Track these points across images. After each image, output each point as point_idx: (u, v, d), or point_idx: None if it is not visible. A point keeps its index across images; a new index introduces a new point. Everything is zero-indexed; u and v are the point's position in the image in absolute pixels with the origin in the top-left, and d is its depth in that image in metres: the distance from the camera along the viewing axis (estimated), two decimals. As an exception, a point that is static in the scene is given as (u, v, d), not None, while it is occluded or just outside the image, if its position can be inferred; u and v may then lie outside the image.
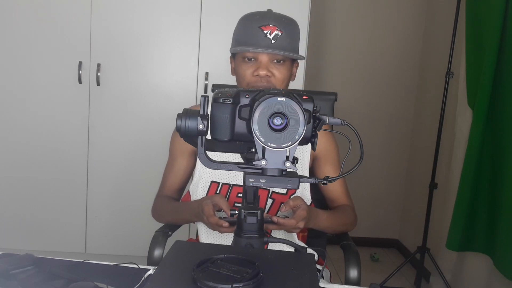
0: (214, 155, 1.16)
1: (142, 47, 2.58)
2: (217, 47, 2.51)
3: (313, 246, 1.39)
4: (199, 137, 0.83)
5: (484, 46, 2.17)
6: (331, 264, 2.37)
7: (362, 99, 3.35)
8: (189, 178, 1.48)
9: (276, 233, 1.29)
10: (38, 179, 2.66)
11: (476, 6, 2.28)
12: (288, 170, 0.80)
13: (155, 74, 2.61)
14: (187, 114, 0.82)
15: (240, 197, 1.33)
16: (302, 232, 1.42)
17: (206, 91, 2.55)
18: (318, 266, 1.35)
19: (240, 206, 1.31)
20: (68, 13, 2.53)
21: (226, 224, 1.12)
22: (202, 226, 1.38)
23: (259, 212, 0.89)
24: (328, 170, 1.41)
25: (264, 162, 0.79)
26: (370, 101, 3.35)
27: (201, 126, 0.81)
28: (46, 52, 2.55)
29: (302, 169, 1.38)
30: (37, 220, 2.69)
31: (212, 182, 1.36)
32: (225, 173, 1.33)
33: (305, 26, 2.51)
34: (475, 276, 2.35)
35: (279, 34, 1.22)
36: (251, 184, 0.81)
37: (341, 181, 1.44)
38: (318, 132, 0.83)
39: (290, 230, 1.20)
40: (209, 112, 0.83)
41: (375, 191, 3.44)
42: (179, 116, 0.81)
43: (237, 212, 0.91)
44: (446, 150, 2.66)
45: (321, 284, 0.96)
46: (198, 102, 1.18)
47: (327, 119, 0.83)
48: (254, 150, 0.80)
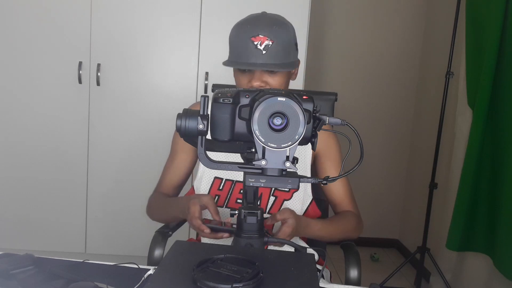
0: (214, 155, 1.17)
1: (142, 47, 2.58)
2: (217, 47, 2.51)
3: (313, 246, 1.39)
4: (199, 137, 0.83)
5: (484, 46, 2.17)
6: (331, 264, 2.37)
7: (362, 99, 3.35)
8: (188, 175, 1.47)
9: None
10: (38, 179, 2.66)
11: (476, 6, 2.28)
12: (288, 170, 0.80)
13: (155, 74, 2.61)
14: (187, 114, 0.82)
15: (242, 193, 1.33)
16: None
17: (206, 91, 2.55)
18: (318, 266, 1.35)
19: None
20: (68, 13, 2.53)
21: (208, 230, 1.06)
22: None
23: (259, 212, 0.89)
24: (328, 166, 1.40)
25: (264, 162, 0.79)
26: (370, 101, 3.35)
27: (201, 126, 0.81)
28: (46, 52, 2.55)
29: (304, 167, 1.38)
30: (37, 220, 2.69)
31: (215, 178, 1.36)
32: None
33: (305, 26, 2.51)
34: (475, 276, 2.35)
35: (270, 44, 1.20)
36: (251, 184, 0.81)
37: (344, 185, 1.41)
38: (318, 132, 0.83)
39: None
40: (209, 112, 0.83)
41: (375, 191, 3.44)
42: (179, 116, 0.81)
43: (237, 212, 0.91)
44: (446, 150, 2.66)
45: (321, 284, 0.96)
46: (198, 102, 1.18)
47: (327, 119, 0.83)
48: (254, 150, 0.80)
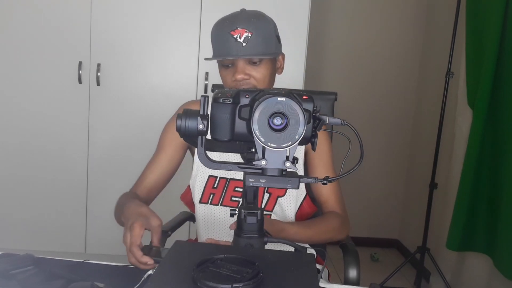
0: (214, 155, 1.17)
1: (142, 47, 2.58)
2: (217, 47, 2.51)
3: (313, 246, 1.39)
4: (199, 137, 0.83)
5: (484, 46, 2.17)
6: (331, 264, 2.37)
7: (362, 99, 3.35)
8: (169, 176, 1.39)
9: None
10: (38, 179, 2.66)
11: (476, 6, 2.28)
12: (288, 170, 0.80)
13: (155, 74, 2.61)
14: (187, 114, 0.82)
15: (237, 191, 1.33)
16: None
17: (206, 91, 2.55)
18: (318, 266, 1.35)
19: (237, 201, 1.32)
20: (68, 13, 2.53)
21: (151, 261, 0.96)
22: (201, 227, 1.38)
23: (259, 212, 0.89)
24: (317, 162, 1.38)
25: (264, 162, 0.79)
26: (370, 101, 3.36)
27: (201, 126, 0.81)
28: (46, 52, 2.55)
29: (298, 165, 1.37)
30: (37, 220, 2.69)
31: (209, 176, 1.36)
32: None
33: (305, 26, 2.51)
34: (475, 276, 2.35)
35: (249, 35, 1.21)
36: (251, 184, 0.81)
37: (331, 184, 1.37)
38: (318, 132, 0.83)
39: None
40: (209, 112, 0.83)
41: (375, 191, 3.44)
42: (179, 116, 0.81)
43: (237, 212, 0.91)
44: (446, 150, 2.66)
45: (320, 284, 0.96)
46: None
47: (327, 119, 0.83)
48: (254, 150, 0.80)
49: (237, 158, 1.11)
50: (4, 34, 2.55)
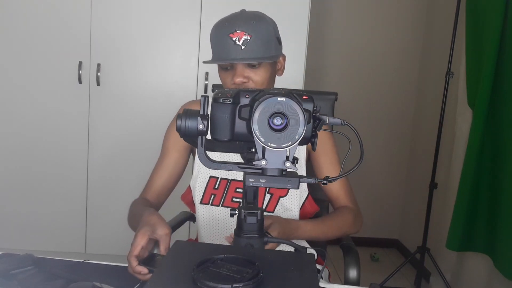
0: (214, 155, 1.17)
1: (142, 47, 2.58)
2: (217, 47, 2.51)
3: (313, 246, 1.39)
4: (199, 137, 0.83)
5: (484, 46, 2.17)
6: (331, 264, 2.37)
7: (362, 99, 3.35)
8: (177, 178, 1.41)
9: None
10: (38, 179, 2.66)
11: (476, 6, 2.28)
12: (288, 170, 0.80)
13: (155, 74, 2.61)
14: (187, 114, 0.82)
15: (238, 192, 1.33)
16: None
17: (206, 91, 2.55)
18: (318, 266, 1.35)
19: (238, 202, 1.32)
20: (68, 13, 2.53)
21: (145, 271, 0.97)
22: (202, 227, 1.38)
23: (259, 212, 0.89)
24: (323, 160, 1.39)
25: (264, 162, 0.79)
26: (370, 101, 3.36)
27: (201, 126, 0.81)
28: (46, 52, 2.55)
29: (299, 165, 1.37)
30: (37, 220, 2.69)
31: (210, 177, 1.36)
32: None
33: (305, 26, 2.51)
34: (475, 276, 2.35)
35: (248, 38, 1.20)
36: (251, 184, 0.81)
37: (341, 180, 1.40)
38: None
39: None
40: (209, 112, 0.83)
41: (375, 191, 3.44)
42: (179, 116, 0.81)
43: (237, 212, 0.91)
44: (446, 150, 2.66)
45: (320, 284, 0.96)
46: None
47: (327, 119, 0.83)
48: (254, 150, 0.80)
49: (237, 158, 1.11)
50: (4, 34, 2.55)
